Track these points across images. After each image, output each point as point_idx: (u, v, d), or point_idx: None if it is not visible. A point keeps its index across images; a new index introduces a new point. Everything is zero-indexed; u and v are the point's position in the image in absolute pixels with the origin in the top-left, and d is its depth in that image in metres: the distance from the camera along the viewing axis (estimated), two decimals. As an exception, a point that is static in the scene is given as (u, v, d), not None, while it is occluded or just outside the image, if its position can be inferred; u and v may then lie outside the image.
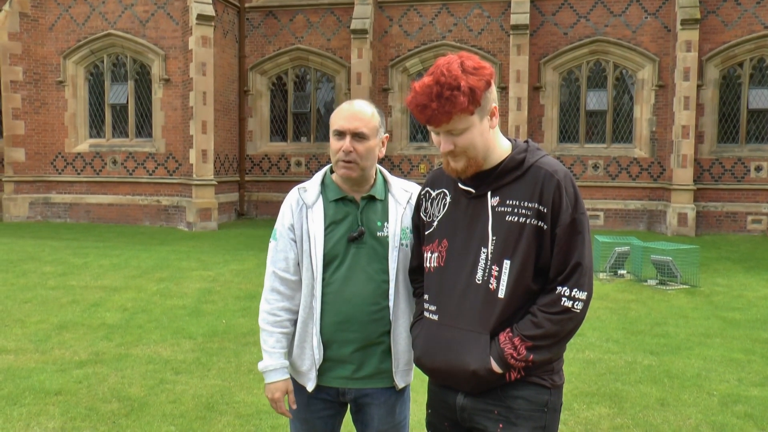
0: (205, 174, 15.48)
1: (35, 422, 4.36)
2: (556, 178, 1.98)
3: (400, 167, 17.24)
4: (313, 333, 2.37)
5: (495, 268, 2.00)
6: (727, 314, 7.56)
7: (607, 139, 16.47)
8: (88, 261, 10.60)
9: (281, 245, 2.42)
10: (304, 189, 2.44)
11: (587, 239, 2.00)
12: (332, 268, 2.36)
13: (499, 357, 1.98)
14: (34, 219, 16.55)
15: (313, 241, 2.35)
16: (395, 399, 2.49)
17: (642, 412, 4.66)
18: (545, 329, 1.95)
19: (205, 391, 4.94)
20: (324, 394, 2.43)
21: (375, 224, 2.39)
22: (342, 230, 2.37)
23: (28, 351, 5.89)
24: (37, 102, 16.49)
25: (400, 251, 2.38)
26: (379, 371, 2.42)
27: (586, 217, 2.00)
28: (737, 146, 15.76)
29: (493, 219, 2.01)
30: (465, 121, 1.97)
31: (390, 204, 2.43)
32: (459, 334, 2.05)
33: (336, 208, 2.39)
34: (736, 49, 15.45)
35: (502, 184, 2.03)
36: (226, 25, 17.03)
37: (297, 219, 2.39)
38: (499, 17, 16.52)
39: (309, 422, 2.47)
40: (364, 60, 16.50)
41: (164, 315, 7.22)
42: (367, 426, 2.48)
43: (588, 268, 1.98)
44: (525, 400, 2.01)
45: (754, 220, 15.44)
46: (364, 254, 2.36)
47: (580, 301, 1.97)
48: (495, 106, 2.02)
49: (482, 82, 1.94)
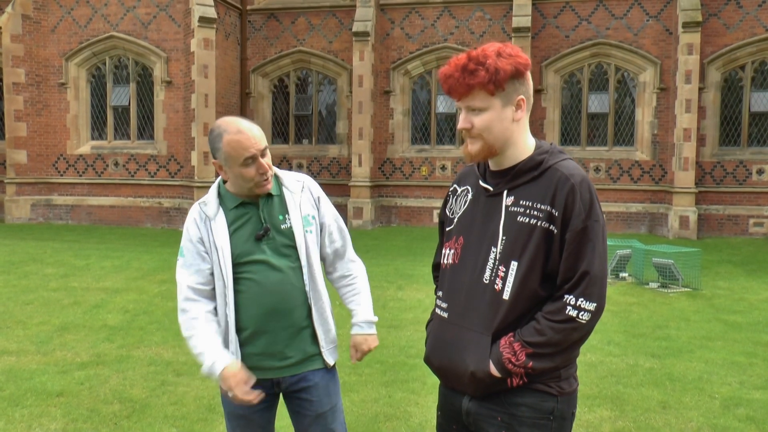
0: (206, 176, 15.49)
1: (37, 424, 4.37)
2: (571, 182, 1.94)
3: (402, 170, 17.25)
4: (230, 339, 2.48)
5: (502, 269, 1.97)
6: (728, 317, 7.55)
7: (608, 141, 16.47)
8: (89, 263, 10.61)
9: (189, 260, 2.48)
10: (204, 203, 2.53)
11: (600, 248, 1.93)
12: (247, 267, 2.46)
13: (497, 361, 1.95)
14: (36, 221, 16.57)
15: (221, 252, 2.44)
16: (328, 379, 2.58)
17: (643, 415, 4.65)
18: (547, 337, 1.91)
19: (206, 393, 4.94)
20: (258, 387, 2.46)
21: (277, 219, 2.50)
22: (247, 231, 2.48)
23: (30, 352, 5.90)
24: (39, 104, 16.52)
25: (305, 238, 2.50)
26: (310, 354, 2.53)
27: (600, 226, 1.94)
28: (739, 149, 15.75)
29: (505, 218, 1.99)
30: (484, 101, 1.97)
31: (286, 196, 2.54)
32: (463, 334, 2.03)
33: (237, 214, 2.49)
34: (737, 52, 15.44)
35: (518, 184, 2.00)
36: (227, 28, 17.05)
37: (204, 232, 2.48)
38: (501, 20, 16.53)
39: (246, 417, 2.54)
40: (366, 62, 16.51)
41: (166, 317, 7.22)
42: (304, 413, 2.54)
43: (598, 278, 1.92)
44: (529, 408, 1.96)
45: (756, 223, 15.42)
46: (274, 248, 2.47)
47: (586, 312, 1.92)
48: (522, 98, 1.99)
49: (511, 66, 1.93)
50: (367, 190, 16.57)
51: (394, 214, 17.31)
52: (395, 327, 6.84)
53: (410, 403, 4.78)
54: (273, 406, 2.59)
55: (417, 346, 6.06)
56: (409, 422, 4.47)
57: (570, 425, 2.03)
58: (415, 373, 5.38)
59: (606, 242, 1.97)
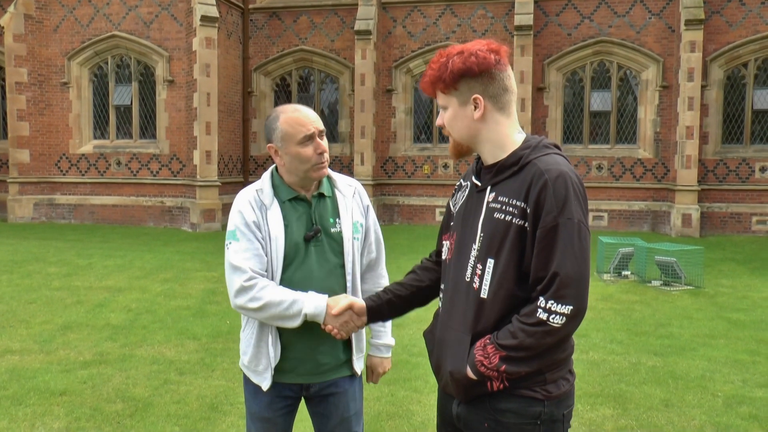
0: (209, 175, 15.51)
1: (40, 422, 4.38)
2: (545, 177, 1.84)
3: (404, 168, 17.24)
4: (269, 332, 2.40)
5: (479, 267, 1.93)
6: (731, 315, 7.54)
7: (611, 139, 16.45)
8: (92, 262, 10.63)
9: (246, 244, 2.33)
10: (261, 190, 2.43)
11: (575, 248, 1.81)
12: (292, 267, 2.39)
13: (471, 363, 1.90)
14: (39, 220, 16.60)
15: (274, 243, 2.36)
16: (355, 385, 2.56)
17: (646, 413, 4.65)
18: (518, 340, 1.82)
19: (209, 392, 4.95)
20: (287, 391, 2.45)
21: (328, 221, 2.44)
22: (298, 230, 2.40)
23: (33, 351, 5.91)
24: (42, 103, 16.54)
25: (353, 244, 2.46)
26: (342, 361, 2.50)
27: (575, 224, 1.82)
28: (742, 147, 15.72)
29: (485, 215, 1.95)
30: (444, 99, 2.01)
31: (339, 200, 2.49)
32: (448, 333, 2.02)
33: (290, 208, 2.42)
34: (740, 50, 15.41)
35: (499, 180, 1.95)
36: (229, 27, 17.05)
37: (259, 217, 2.38)
38: (503, 18, 16.51)
39: (270, 421, 2.49)
40: (368, 61, 16.51)
41: (168, 316, 7.23)
42: (329, 417, 2.51)
43: (572, 279, 1.80)
44: (514, 414, 1.90)
45: (759, 221, 15.39)
46: (321, 251, 2.42)
47: (559, 315, 1.80)
48: (477, 97, 1.95)
49: (461, 65, 1.93)
50: (370, 188, 16.56)
51: (396, 212, 17.31)
52: (397, 325, 6.82)
53: (412, 402, 4.79)
54: (295, 410, 2.55)
55: (419, 344, 6.06)
56: (411, 420, 4.47)
57: (563, 426, 1.96)
58: (418, 372, 5.38)
59: (585, 241, 1.84)
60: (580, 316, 1.84)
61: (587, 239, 1.86)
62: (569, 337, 1.93)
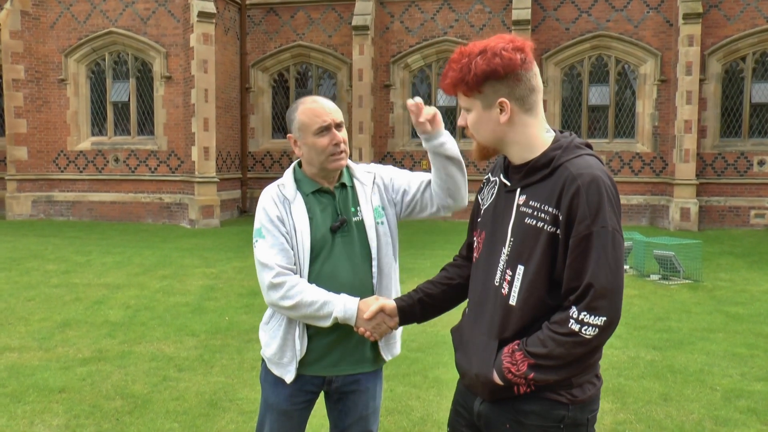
0: (207, 171, 15.49)
1: (39, 420, 4.38)
2: (578, 183, 1.77)
3: (402, 163, 17.24)
4: (297, 325, 2.40)
5: (509, 272, 1.89)
6: (730, 309, 7.55)
7: (609, 134, 16.44)
8: (90, 259, 10.62)
9: (272, 240, 2.36)
10: (283, 185, 2.46)
11: (609, 258, 1.75)
12: (320, 259, 2.39)
13: (498, 369, 1.87)
14: (37, 217, 16.58)
15: (300, 236, 2.37)
16: (376, 383, 2.56)
17: (645, 407, 4.66)
18: (548, 349, 1.79)
19: (208, 388, 4.95)
20: (309, 385, 2.45)
21: (350, 211, 2.45)
22: (323, 222, 2.41)
23: (32, 349, 5.90)
24: (39, 100, 16.51)
25: (377, 230, 2.45)
26: (367, 355, 2.48)
27: (609, 232, 1.76)
28: (740, 140, 15.73)
29: (515, 218, 1.89)
30: (466, 101, 1.93)
31: (358, 188, 2.50)
32: (474, 335, 2.00)
33: (314, 201, 2.43)
34: (738, 43, 15.40)
35: (531, 182, 1.88)
36: (227, 22, 17.02)
37: (283, 212, 2.40)
38: (501, 12, 16.49)
39: (288, 413, 2.49)
40: (366, 56, 16.48)
41: (167, 312, 7.23)
42: (348, 413, 2.50)
43: (607, 290, 1.75)
44: (537, 416, 1.87)
45: (757, 214, 15.41)
46: (348, 242, 2.42)
47: (591, 327, 1.76)
48: (504, 101, 1.86)
49: (485, 67, 1.83)
50: (368, 184, 16.54)
51: (394, 208, 17.28)
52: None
53: (411, 397, 4.79)
54: (313, 404, 2.55)
55: (418, 339, 6.06)
56: (410, 416, 4.47)
57: (587, 430, 1.92)
58: (417, 367, 5.39)
59: (619, 250, 1.78)
60: (613, 327, 1.80)
61: (621, 248, 1.80)
62: (599, 348, 1.88)
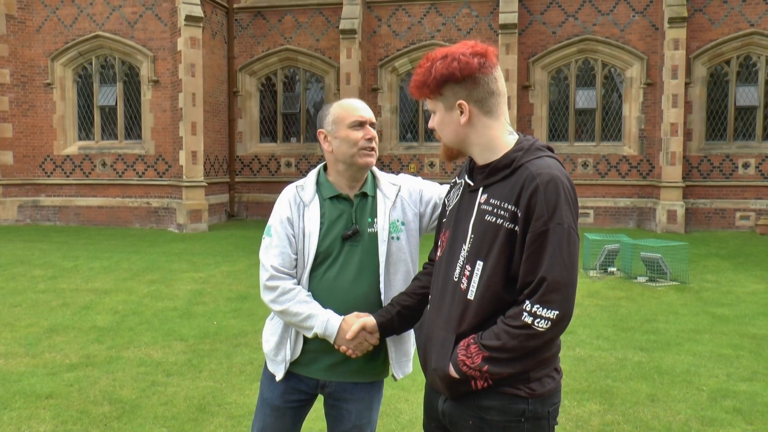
0: (195, 175, 15.44)
1: (26, 426, 4.35)
2: (536, 182, 1.84)
3: (390, 167, 17.25)
4: (292, 328, 2.42)
5: (468, 268, 1.95)
6: (716, 310, 7.61)
7: (596, 137, 16.54)
8: (78, 264, 10.56)
9: (275, 241, 2.41)
10: (302, 187, 2.47)
11: (565, 253, 1.82)
12: (326, 265, 2.40)
13: (454, 362, 1.92)
14: (24, 222, 16.46)
15: (308, 239, 2.39)
16: (373, 394, 2.52)
17: (632, 408, 4.69)
18: (502, 342, 1.84)
19: (196, 393, 4.93)
20: (303, 385, 2.46)
21: (366, 221, 2.44)
22: (337, 229, 2.41)
23: (19, 355, 5.86)
24: (25, 104, 16.40)
25: (391, 245, 2.42)
26: (365, 366, 2.44)
27: (565, 229, 1.82)
28: (725, 143, 15.87)
29: (476, 216, 1.96)
30: (431, 103, 2.03)
31: (379, 199, 2.48)
32: (434, 330, 2.04)
33: (331, 206, 2.43)
34: (723, 47, 15.56)
35: (492, 182, 1.96)
36: (214, 26, 16.99)
37: (295, 215, 2.42)
38: (488, 16, 16.56)
39: (280, 410, 2.50)
40: (353, 60, 16.50)
41: (155, 317, 7.20)
42: (341, 420, 2.49)
43: (560, 284, 1.81)
44: (498, 411, 1.91)
45: (743, 216, 15.55)
46: (357, 251, 2.41)
47: (545, 320, 1.81)
48: (462, 103, 1.95)
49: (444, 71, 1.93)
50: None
51: (383, 211, 17.30)
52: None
53: (400, 400, 4.80)
54: (308, 405, 2.54)
55: (407, 343, 6.07)
56: (399, 419, 4.48)
57: (548, 423, 1.97)
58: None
59: (574, 247, 1.84)
60: (566, 321, 1.85)
61: (576, 245, 1.86)
62: (553, 342, 1.93)
